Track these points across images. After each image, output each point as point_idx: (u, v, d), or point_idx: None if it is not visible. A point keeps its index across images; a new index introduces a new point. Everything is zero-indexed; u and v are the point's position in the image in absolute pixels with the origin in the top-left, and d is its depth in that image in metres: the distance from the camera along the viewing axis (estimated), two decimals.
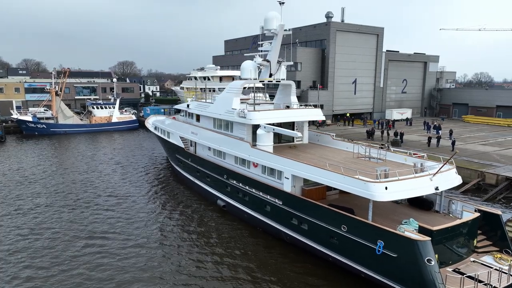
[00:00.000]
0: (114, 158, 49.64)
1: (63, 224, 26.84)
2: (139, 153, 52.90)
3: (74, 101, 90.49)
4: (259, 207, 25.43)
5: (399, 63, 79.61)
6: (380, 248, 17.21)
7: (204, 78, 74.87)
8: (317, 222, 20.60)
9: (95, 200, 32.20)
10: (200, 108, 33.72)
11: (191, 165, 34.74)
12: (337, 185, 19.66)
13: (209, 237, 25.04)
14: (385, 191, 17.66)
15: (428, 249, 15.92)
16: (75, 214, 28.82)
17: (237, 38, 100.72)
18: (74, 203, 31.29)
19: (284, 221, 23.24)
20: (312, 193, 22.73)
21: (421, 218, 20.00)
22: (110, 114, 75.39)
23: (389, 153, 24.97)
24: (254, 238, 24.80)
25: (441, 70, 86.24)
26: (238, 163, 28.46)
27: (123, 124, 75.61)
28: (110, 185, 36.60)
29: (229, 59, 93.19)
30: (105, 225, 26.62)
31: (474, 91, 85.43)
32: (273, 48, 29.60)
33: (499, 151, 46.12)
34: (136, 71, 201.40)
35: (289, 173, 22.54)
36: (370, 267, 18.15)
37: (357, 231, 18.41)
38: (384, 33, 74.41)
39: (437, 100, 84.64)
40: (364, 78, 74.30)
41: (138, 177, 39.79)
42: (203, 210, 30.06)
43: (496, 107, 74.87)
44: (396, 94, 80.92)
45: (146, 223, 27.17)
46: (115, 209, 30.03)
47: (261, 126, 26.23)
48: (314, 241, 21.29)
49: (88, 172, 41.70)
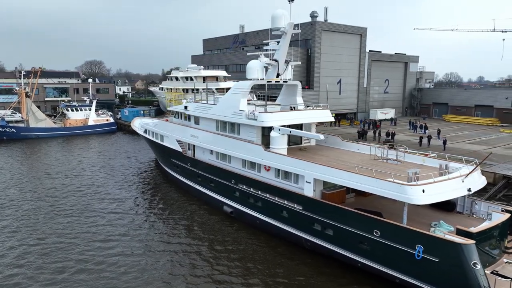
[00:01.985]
0: (97, 163, 47.34)
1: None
2: (123, 158, 50.82)
3: (44, 103, 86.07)
4: (275, 213, 24.79)
5: (381, 63, 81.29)
6: (420, 252, 17.04)
7: (186, 78, 73.22)
8: (345, 227, 20.21)
9: (85, 219, 28.71)
10: (200, 110, 32.62)
11: (191, 170, 33.55)
12: (369, 188, 19.35)
13: (225, 244, 24.14)
14: (423, 194, 17.53)
15: (473, 252, 15.89)
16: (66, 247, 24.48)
17: (217, 37, 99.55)
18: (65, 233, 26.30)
19: (305, 227, 22.72)
20: (333, 197, 22.37)
21: (447, 220, 20.06)
22: (86, 116, 72.25)
23: (406, 154, 24.99)
24: (270, 247, 24.11)
25: (420, 70, 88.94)
26: (246, 167, 27.70)
27: (100, 127, 72.63)
28: (103, 196, 34.54)
29: (209, 59, 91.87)
30: (101, 240, 25.10)
31: (453, 91, 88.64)
32: (281, 47, 29.12)
33: (488, 149, 47.79)
34: (104, 71, 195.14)
35: (311, 177, 22.03)
36: (407, 272, 17.94)
37: (393, 236, 18.16)
38: (367, 33, 75.74)
39: (418, 100, 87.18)
40: (348, 78, 75.24)
41: (129, 185, 38.03)
42: (208, 217, 29.01)
43: (475, 107, 77.97)
44: (379, 94, 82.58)
45: (153, 236, 25.86)
46: (115, 223, 28.43)
47: (275, 128, 25.60)
48: (340, 247, 20.89)
49: (71, 181, 39.43)
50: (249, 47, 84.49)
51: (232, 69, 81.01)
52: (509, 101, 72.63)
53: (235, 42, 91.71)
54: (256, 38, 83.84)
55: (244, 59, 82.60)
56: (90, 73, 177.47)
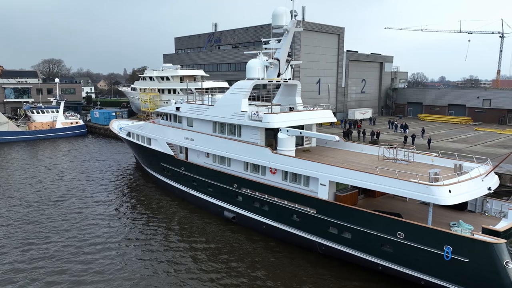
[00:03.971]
0: (70, 169, 44.86)
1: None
2: (99, 162, 48.45)
3: (3, 105, 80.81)
4: (283, 217, 24.35)
5: (358, 63, 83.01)
6: (449, 253, 17.20)
7: (162, 78, 71.22)
8: (365, 230, 20.12)
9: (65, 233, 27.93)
10: (195, 111, 31.58)
11: (184, 174, 32.42)
12: (391, 190, 19.34)
13: (231, 253, 23.39)
14: (449, 194, 17.72)
15: (505, 251, 16.20)
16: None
17: (190, 36, 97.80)
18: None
19: (319, 230, 22.44)
20: (347, 199, 22.25)
21: (462, 219, 20.42)
22: (54, 119, 68.51)
23: (412, 154, 25.32)
24: (281, 252, 23.66)
25: (395, 70, 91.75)
26: (249, 170, 27.10)
27: (69, 130, 69.10)
28: (86, 205, 32.77)
29: (184, 58, 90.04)
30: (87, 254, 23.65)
31: (427, 90, 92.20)
32: (282, 46, 28.72)
33: (469, 147, 49.89)
34: (64, 70, 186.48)
35: (326, 179, 21.78)
36: (434, 274, 18.06)
37: (418, 237, 18.23)
38: (344, 33, 77.09)
39: (393, 99, 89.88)
40: (327, 78, 76.20)
41: (113, 193, 36.24)
42: (207, 224, 28.11)
43: (448, 106, 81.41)
44: (356, 94, 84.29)
45: (155, 247, 24.66)
46: (105, 236, 26.89)
47: (282, 129, 25.16)
48: (359, 250, 20.76)
49: (44, 188, 37.08)
50: (226, 46, 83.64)
51: (209, 69, 79.84)
52: (480, 100, 76.41)
53: (210, 41, 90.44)
54: (233, 37, 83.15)
55: (221, 58, 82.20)
56: (49, 72, 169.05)
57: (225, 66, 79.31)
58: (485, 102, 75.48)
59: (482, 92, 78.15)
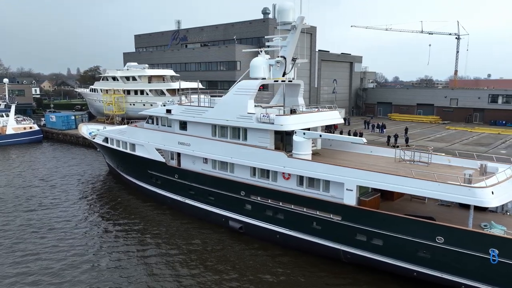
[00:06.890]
0: (28, 180, 41.11)
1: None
2: (65, 171, 44.71)
3: None
4: (302, 225, 23.55)
5: (329, 63, 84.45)
6: (496, 256, 17.27)
7: (127, 78, 67.80)
8: (399, 235, 19.82)
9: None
10: (190, 114, 29.88)
11: (179, 182, 30.61)
12: (429, 193, 19.19)
13: (243, 274, 22.21)
14: (492, 196, 17.82)
15: None
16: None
17: (151, 33, 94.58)
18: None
19: (345, 238, 21.89)
20: (372, 203, 21.92)
21: (491, 220, 20.76)
22: (3, 124, 62.83)
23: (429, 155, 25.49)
24: (308, 265, 22.84)
25: (364, 70, 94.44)
26: (257, 176, 26.06)
27: (22, 136, 63.62)
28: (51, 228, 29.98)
29: (147, 57, 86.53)
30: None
31: (396, 90, 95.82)
32: (289, 43, 28.06)
33: (448, 146, 52.07)
34: (2, 69, 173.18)
35: (353, 184, 21.26)
36: (478, 278, 18.07)
37: (460, 241, 18.18)
38: (317, 33, 78.02)
39: (363, 99, 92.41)
40: (301, 78, 76.27)
41: (90, 207, 33.56)
42: (210, 236, 26.63)
43: (417, 105, 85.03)
44: (328, 94, 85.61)
45: (157, 264, 22.86)
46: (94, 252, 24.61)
47: (298, 132, 24.35)
48: (391, 257, 20.44)
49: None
50: (194, 44, 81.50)
51: (176, 68, 77.23)
52: (447, 99, 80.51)
53: (175, 39, 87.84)
54: (201, 35, 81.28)
55: (190, 57, 79.80)
56: None
57: (194, 66, 77.20)
58: (452, 101, 79.67)
59: (449, 92, 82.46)
